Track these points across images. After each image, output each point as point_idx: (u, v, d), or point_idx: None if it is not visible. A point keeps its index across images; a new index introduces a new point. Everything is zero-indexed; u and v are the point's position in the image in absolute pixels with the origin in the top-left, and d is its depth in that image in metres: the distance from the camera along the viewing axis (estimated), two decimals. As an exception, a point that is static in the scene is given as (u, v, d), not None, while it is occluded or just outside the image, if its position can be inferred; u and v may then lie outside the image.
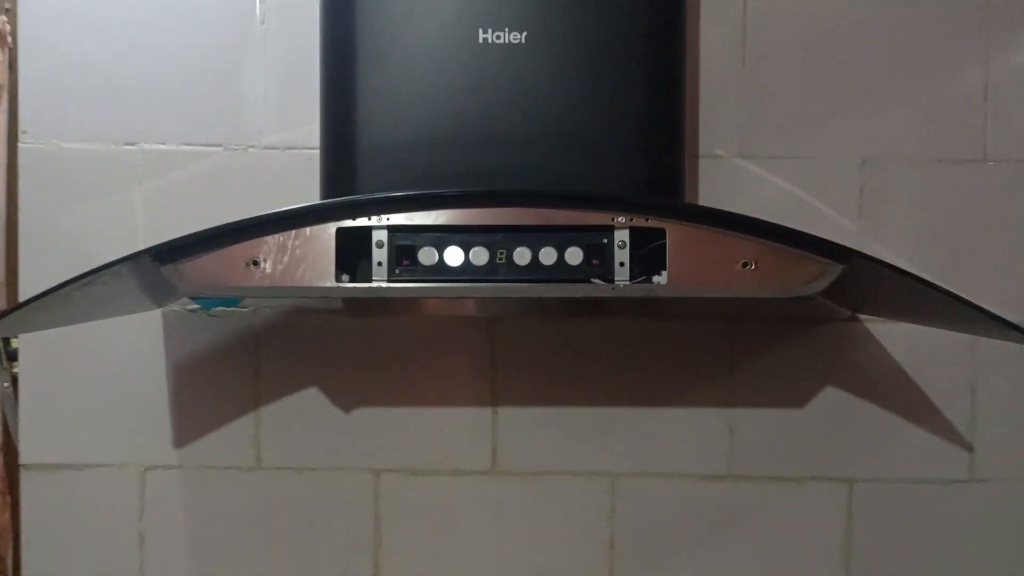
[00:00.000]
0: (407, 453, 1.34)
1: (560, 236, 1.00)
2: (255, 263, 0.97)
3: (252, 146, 1.33)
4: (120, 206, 1.33)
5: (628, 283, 0.99)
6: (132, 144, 1.32)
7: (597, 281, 1.00)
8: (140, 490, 1.32)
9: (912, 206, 1.34)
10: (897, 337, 1.35)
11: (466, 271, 1.00)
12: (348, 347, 1.34)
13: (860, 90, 1.34)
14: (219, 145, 1.32)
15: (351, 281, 1.00)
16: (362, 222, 0.99)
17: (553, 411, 1.35)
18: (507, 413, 1.36)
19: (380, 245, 1.00)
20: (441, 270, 1.00)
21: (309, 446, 1.34)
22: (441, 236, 1.00)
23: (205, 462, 1.33)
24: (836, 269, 0.95)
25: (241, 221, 0.96)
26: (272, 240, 0.97)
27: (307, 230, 0.98)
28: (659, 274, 1.01)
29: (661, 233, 0.99)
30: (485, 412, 1.36)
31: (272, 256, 0.97)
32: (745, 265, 0.99)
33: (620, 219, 1.00)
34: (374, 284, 0.99)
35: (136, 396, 1.32)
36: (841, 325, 1.35)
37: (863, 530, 1.36)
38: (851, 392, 1.36)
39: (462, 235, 1.00)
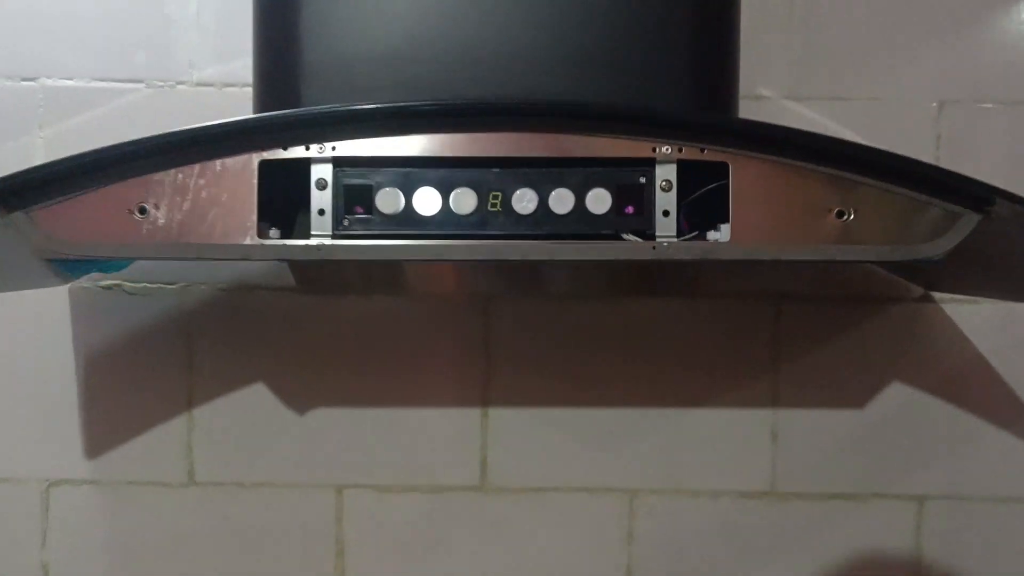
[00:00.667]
0: (377, 465, 1.20)
1: (579, 173, 0.73)
2: (141, 210, 0.70)
3: (181, 82, 1.17)
4: (15, 154, 1.16)
5: (675, 240, 0.72)
6: (31, 79, 1.16)
7: (631, 237, 0.73)
8: (43, 510, 1.19)
9: (997, 155, 1.19)
10: (981, 321, 1.21)
11: (445, 223, 0.72)
12: (303, 333, 1.18)
13: (937, 20, 1.20)
14: (140, 81, 1.16)
15: (281, 237, 0.73)
16: (297, 152, 0.71)
17: (558, 413, 1.20)
18: (501, 416, 1.21)
19: (322, 185, 0.73)
20: (409, 221, 0.73)
21: (254, 457, 1.19)
22: (409, 173, 0.73)
23: (124, 476, 1.19)
24: (972, 220, 0.68)
25: (120, 146, 0.69)
26: (166, 178, 0.69)
27: (217, 163, 0.70)
28: (717, 228, 0.74)
29: (722, 170, 0.72)
30: (473, 414, 1.21)
31: (166, 201, 0.70)
32: (841, 215, 0.72)
33: (665, 149, 0.72)
34: (313, 242, 0.72)
35: (37, 394, 1.19)
36: (911, 306, 1.20)
37: (935, 558, 1.22)
38: (922, 389, 1.21)
39: (440, 171, 0.73)
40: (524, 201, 0.73)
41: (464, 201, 0.73)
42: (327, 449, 1.21)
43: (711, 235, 0.75)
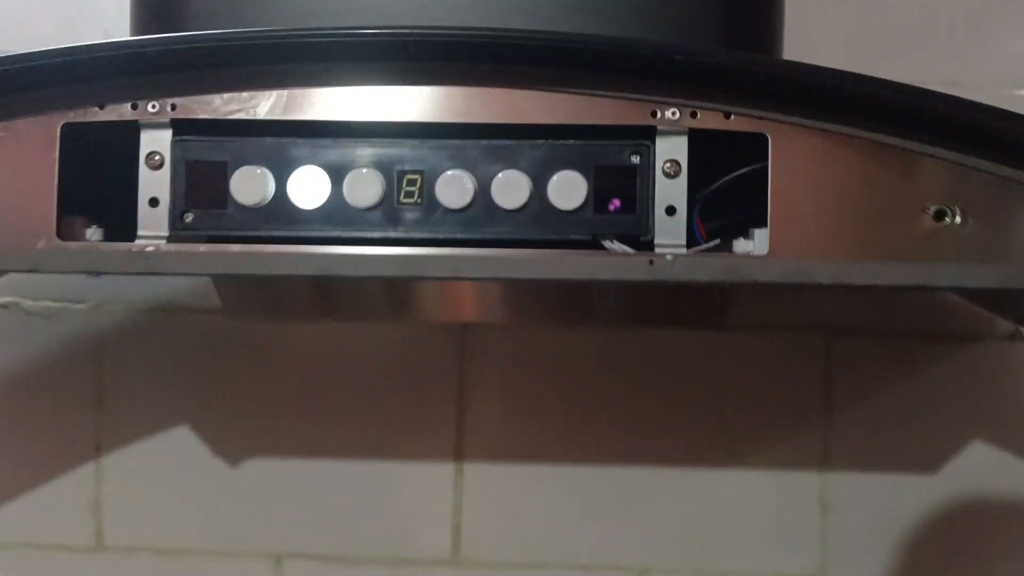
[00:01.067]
0: (324, 530, 1.06)
1: (539, 148, 0.49)
2: None
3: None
4: None
5: (684, 253, 0.48)
6: None
7: (617, 247, 0.49)
8: (-81, 578, 1.06)
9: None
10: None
11: (335, 219, 0.49)
12: (237, 367, 1.04)
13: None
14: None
15: (101, 239, 0.51)
16: (119, 112, 0.49)
17: (549, 471, 1.06)
18: (478, 472, 1.06)
19: (155, 162, 0.49)
20: (281, 217, 0.49)
21: (176, 517, 1.05)
22: (284, 145, 0.50)
23: (18, 537, 1.07)
24: None
25: None
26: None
27: (-1, 124, 0.49)
28: (748, 235, 0.50)
29: (758, 146, 0.48)
30: (444, 470, 1.06)
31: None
32: (942, 216, 0.47)
33: (671, 112, 0.48)
34: (139, 247, 0.49)
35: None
36: (996, 346, 1.05)
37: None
38: (1010, 450, 1.04)
39: (329, 142, 0.50)
40: (455, 189, 0.49)
41: (364, 188, 0.49)
42: (264, 509, 1.07)
43: (739, 245, 0.51)
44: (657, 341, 1.05)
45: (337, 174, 0.49)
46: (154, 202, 0.50)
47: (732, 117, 0.49)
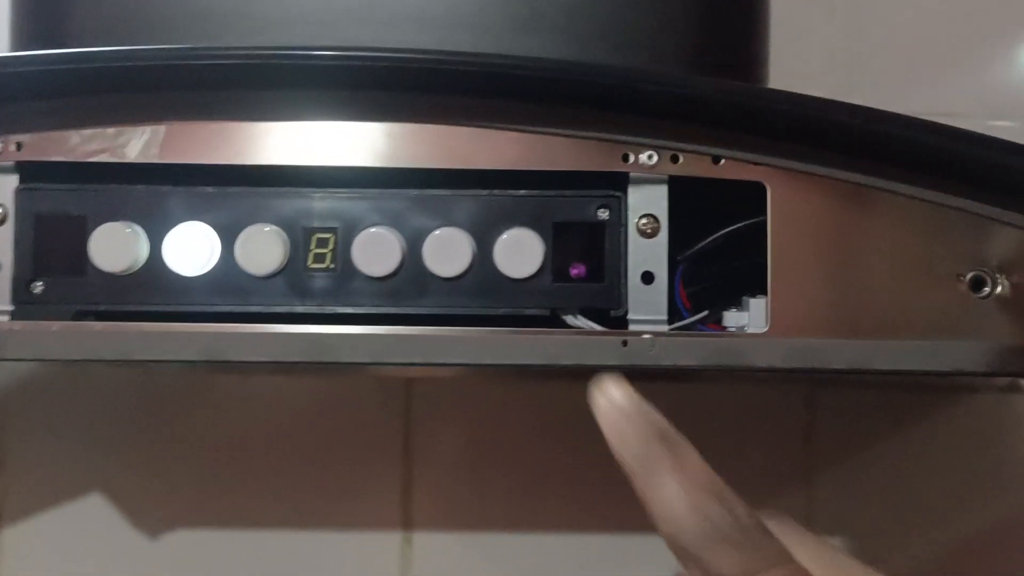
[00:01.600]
0: None
1: (483, 201, 0.39)
2: None
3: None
4: None
5: (666, 331, 0.38)
6: None
7: (582, 322, 0.39)
8: None
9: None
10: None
11: (226, 290, 0.38)
12: (157, 425, 0.91)
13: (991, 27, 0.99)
14: None
15: None
16: None
17: (510, 539, 0.93)
18: (430, 543, 0.91)
19: None
20: (156, 286, 0.38)
21: None
22: (160, 195, 0.39)
23: None
24: None
25: None
26: None
27: None
28: (740, 305, 0.40)
29: (753, 196, 0.39)
30: (391, 540, 0.92)
31: None
32: (980, 285, 0.38)
33: (646, 156, 0.38)
34: None
35: None
36: (994, 398, 0.96)
37: None
38: (1009, 512, 0.94)
39: (216, 191, 0.39)
40: (377, 251, 0.38)
41: (262, 250, 0.38)
42: (189, 587, 0.91)
43: (731, 318, 0.40)
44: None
45: (228, 232, 0.39)
46: (-9, 268, 0.40)
47: (722, 162, 0.39)
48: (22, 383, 0.91)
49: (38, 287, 0.39)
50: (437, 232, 0.39)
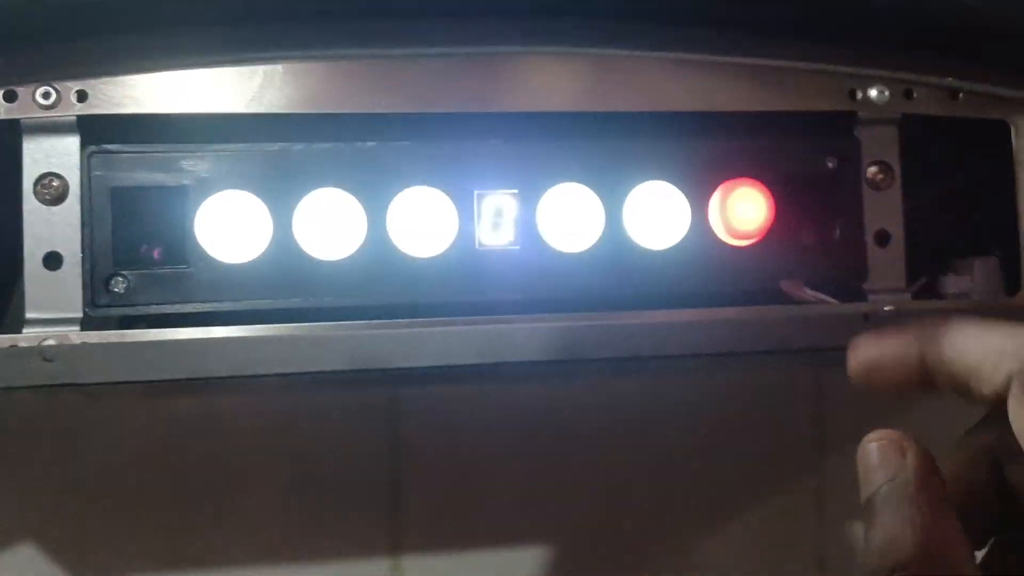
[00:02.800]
0: None
1: (695, 151, 0.31)
2: None
3: None
4: None
5: (909, 301, 0.31)
6: None
7: (810, 293, 0.31)
8: None
9: None
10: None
11: (367, 275, 0.29)
12: (97, 459, 0.77)
13: None
14: None
15: None
16: None
17: (507, 557, 0.82)
18: (420, 567, 0.78)
19: (53, 192, 0.27)
20: (284, 275, 0.29)
21: None
22: (286, 156, 0.28)
23: None
24: None
25: None
26: None
27: None
28: (959, 270, 0.34)
29: (994, 136, 0.33)
30: (379, 567, 0.78)
31: None
32: None
33: (876, 90, 0.31)
34: (29, 336, 0.27)
35: None
36: None
37: None
38: None
39: (350, 148, 0.29)
40: (570, 214, 0.30)
41: (425, 219, 0.29)
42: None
43: (950, 283, 0.34)
44: (621, 388, 0.92)
45: (376, 198, 0.29)
46: (53, 261, 0.28)
47: (961, 96, 0.33)
48: None
49: (119, 285, 0.28)
50: (640, 188, 0.30)
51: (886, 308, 0.32)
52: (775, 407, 0.90)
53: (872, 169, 0.33)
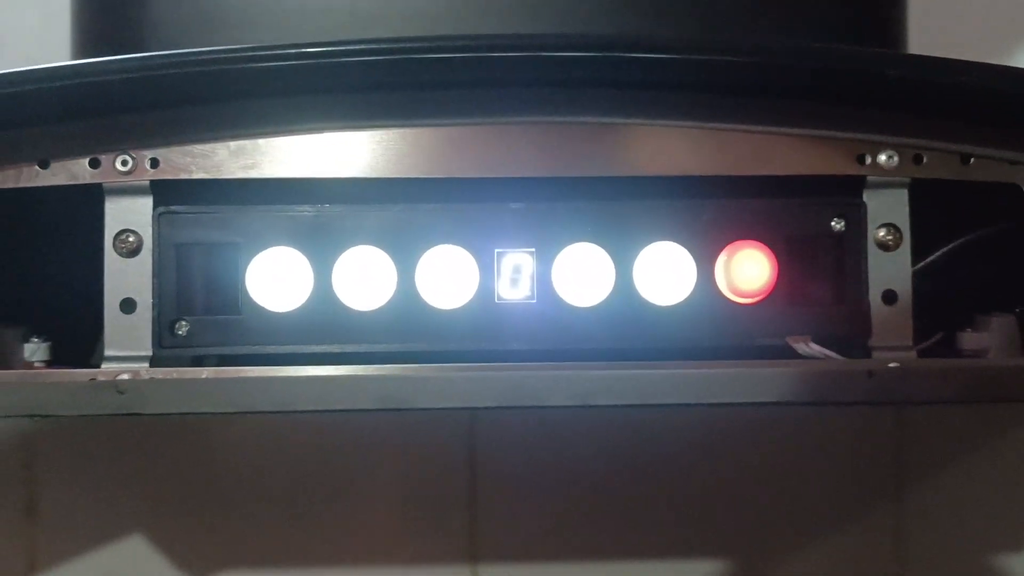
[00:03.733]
0: None
1: (704, 212, 0.33)
2: None
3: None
4: None
5: (915, 360, 0.33)
6: None
7: (815, 349, 0.33)
8: None
9: None
10: None
11: (404, 325, 0.32)
12: (202, 464, 0.82)
13: None
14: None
15: (47, 360, 0.33)
16: (73, 171, 0.32)
17: (587, 569, 0.86)
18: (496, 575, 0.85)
19: (129, 246, 0.32)
20: (321, 325, 0.32)
21: None
22: (325, 218, 0.33)
23: None
24: None
25: None
26: None
27: None
28: (976, 326, 0.35)
29: (1005, 200, 0.34)
30: (458, 574, 0.83)
31: None
32: None
33: (885, 155, 0.32)
34: (108, 371, 0.32)
35: None
36: None
37: None
38: None
39: (402, 208, 0.33)
40: (578, 273, 0.33)
41: (449, 278, 0.33)
42: (240, 634, 0.83)
43: (967, 339, 0.35)
44: (696, 418, 0.93)
45: (406, 255, 0.33)
46: (128, 306, 0.33)
47: (972, 161, 0.34)
48: (52, 427, 0.86)
49: (182, 328, 0.33)
50: (650, 249, 0.33)
51: (891, 365, 0.33)
52: (854, 445, 0.89)
53: (880, 231, 0.34)
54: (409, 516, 0.89)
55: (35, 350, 0.34)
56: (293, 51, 0.32)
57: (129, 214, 0.33)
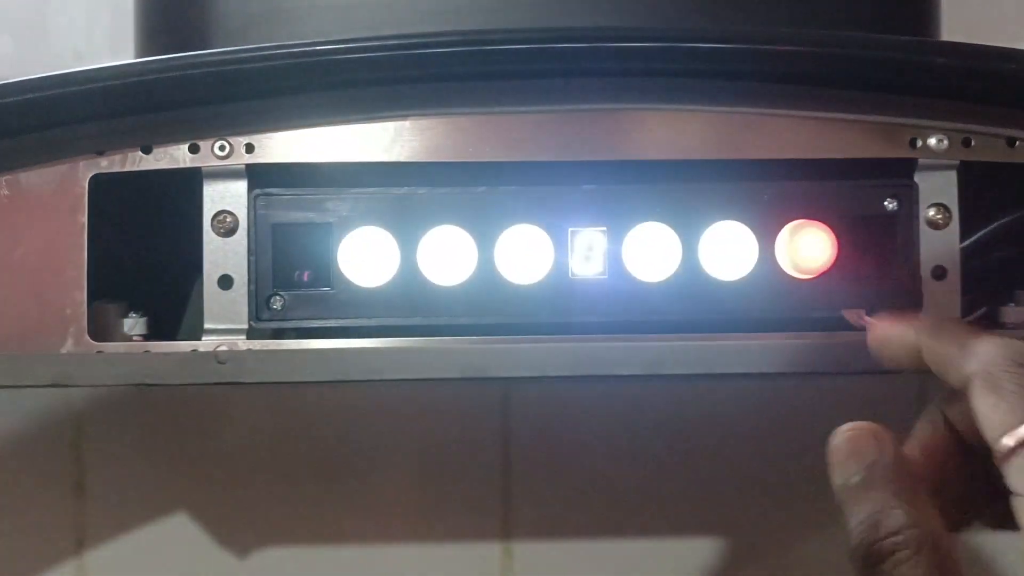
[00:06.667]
0: None
1: (763, 194, 0.35)
2: None
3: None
4: None
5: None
6: None
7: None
8: None
9: None
10: None
11: (482, 300, 0.35)
12: (243, 441, 0.86)
13: None
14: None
15: (145, 333, 0.36)
16: (172, 156, 0.34)
17: (621, 546, 0.86)
18: (530, 552, 0.84)
19: (227, 226, 0.35)
20: (407, 300, 0.35)
21: None
22: (410, 199, 0.35)
23: None
24: None
25: None
26: None
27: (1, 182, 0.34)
28: (1016, 300, 0.37)
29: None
30: (490, 551, 0.85)
31: None
32: None
33: (935, 139, 0.34)
34: (207, 343, 0.34)
35: None
36: None
37: None
38: None
39: (480, 191, 0.35)
40: (650, 251, 0.35)
41: (525, 254, 0.35)
42: (281, 607, 0.86)
43: (1010, 314, 0.37)
44: (732, 391, 0.94)
45: (486, 234, 0.35)
46: (226, 282, 0.35)
47: (1017, 144, 0.36)
48: (99, 405, 0.88)
49: (277, 302, 0.35)
50: (714, 228, 0.35)
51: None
52: (882, 415, 0.91)
53: (931, 211, 0.36)
54: (443, 492, 0.90)
55: (134, 324, 0.36)
56: (378, 43, 0.34)
57: (226, 196, 0.35)
